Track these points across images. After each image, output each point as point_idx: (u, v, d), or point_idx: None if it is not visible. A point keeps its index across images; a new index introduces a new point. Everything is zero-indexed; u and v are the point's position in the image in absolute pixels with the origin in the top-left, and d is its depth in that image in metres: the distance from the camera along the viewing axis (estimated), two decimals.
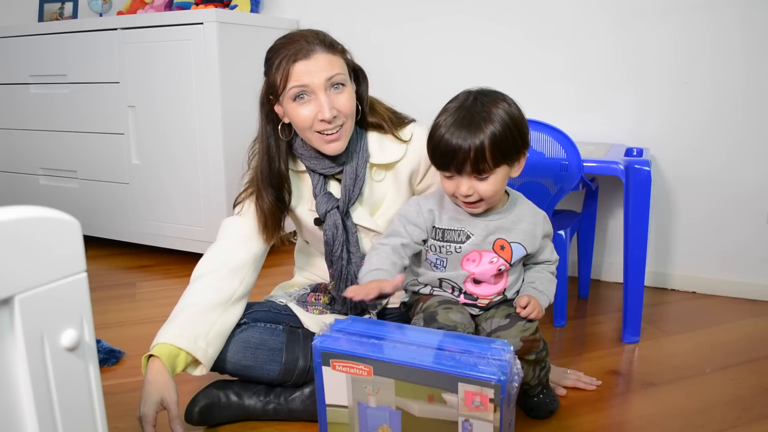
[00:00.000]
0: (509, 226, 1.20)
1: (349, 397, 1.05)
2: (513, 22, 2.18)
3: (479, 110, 1.10)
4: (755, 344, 1.66)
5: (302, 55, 1.18)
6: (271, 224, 1.30)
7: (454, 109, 1.13)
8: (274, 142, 1.29)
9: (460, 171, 1.11)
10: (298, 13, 2.54)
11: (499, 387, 0.93)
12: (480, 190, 1.12)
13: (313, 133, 1.23)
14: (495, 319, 1.20)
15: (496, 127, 1.09)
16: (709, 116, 1.97)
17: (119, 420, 1.30)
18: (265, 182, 1.28)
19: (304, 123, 1.22)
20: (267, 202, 1.28)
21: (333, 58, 1.21)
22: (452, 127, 1.09)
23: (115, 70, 2.33)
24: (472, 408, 0.96)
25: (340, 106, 1.21)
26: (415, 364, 0.97)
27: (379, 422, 1.04)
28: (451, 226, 1.19)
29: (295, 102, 1.21)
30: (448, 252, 1.19)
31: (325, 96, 1.19)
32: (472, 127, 1.08)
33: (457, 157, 1.09)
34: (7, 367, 0.58)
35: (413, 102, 1.65)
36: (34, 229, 0.58)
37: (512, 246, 1.19)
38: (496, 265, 1.19)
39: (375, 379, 1.01)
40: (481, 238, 1.18)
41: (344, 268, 1.32)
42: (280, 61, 1.19)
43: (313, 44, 1.19)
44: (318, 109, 1.20)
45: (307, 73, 1.18)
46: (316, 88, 1.19)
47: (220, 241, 1.32)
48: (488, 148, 1.08)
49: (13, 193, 2.73)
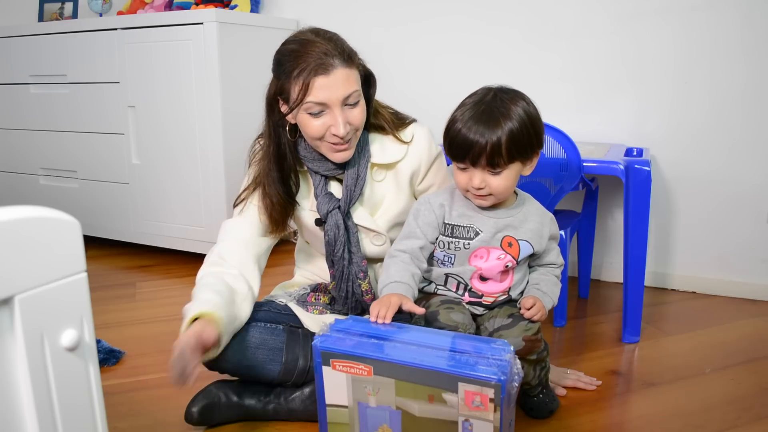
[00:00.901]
0: (517, 224, 1.21)
1: (349, 397, 1.05)
2: (513, 22, 2.18)
3: (498, 106, 1.12)
4: (755, 344, 1.66)
5: (322, 70, 1.16)
6: (279, 216, 1.30)
7: (473, 103, 1.14)
8: (284, 140, 1.28)
9: (474, 164, 1.12)
10: (298, 13, 2.53)
11: (499, 387, 0.93)
12: (492, 185, 1.14)
13: (323, 143, 1.23)
14: (497, 318, 1.21)
15: (514, 124, 1.10)
16: (709, 116, 1.97)
17: (119, 420, 1.30)
18: (274, 179, 1.28)
19: (316, 134, 1.22)
20: (276, 197, 1.28)
21: (350, 73, 1.20)
22: (470, 121, 1.11)
23: (115, 70, 2.33)
24: (472, 408, 0.96)
25: (353, 121, 1.22)
26: (415, 364, 0.97)
27: (379, 422, 1.04)
28: (460, 222, 1.20)
29: (309, 114, 1.20)
30: (456, 248, 1.20)
31: (340, 112, 1.19)
32: (490, 123, 1.10)
33: (473, 150, 1.10)
34: (7, 367, 0.58)
35: (413, 101, 1.66)
36: (34, 229, 0.58)
37: (520, 243, 1.20)
38: (503, 261, 1.19)
39: (375, 378, 1.01)
40: (490, 235, 1.19)
41: (345, 269, 1.32)
42: (299, 72, 1.17)
43: (332, 57, 1.17)
44: (332, 124, 1.19)
45: (326, 88, 1.17)
46: (333, 105, 1.18)
47: (222, 244, 1.31)
48: (505, 143, 1.09)
49: (13, 193, 2.73)
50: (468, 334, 1.14)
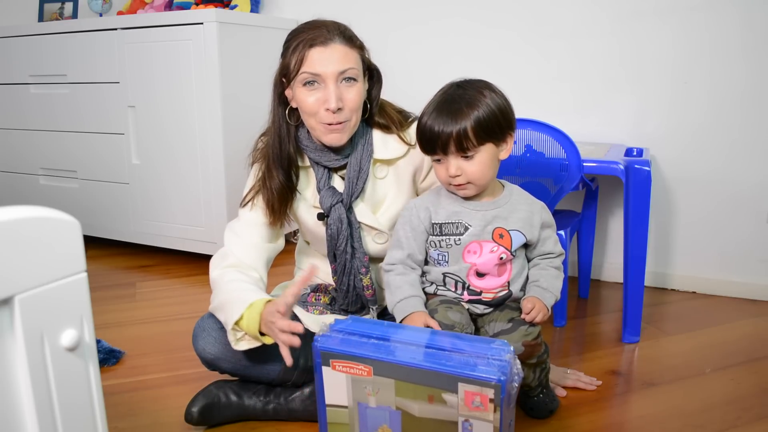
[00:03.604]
0: (506, 215, 1.21)
1: (349, 397, 1.05)
2: (513, 24, 2.18)
3: (461, 95, 1.15)
4: (755, 344, 1.66)
5: (320, 42, 1.19)
6: (279, 207, 1.30)
7: (438, 97, 1.17)
8: (285, 124, 1.30)
9: (446, 152, 1.14)
10: (298, 13, 2.53)
11: (499, 387, 0.93)
12: (467, 171, 1.15)
13: (317, 122, 1.24)
14: (498, 323, 1.20)
15: (479, 107, 1.13)
16: (708, 116, 1.97)
17: (119, 420, 1.30)
18: (276, 161, 1.29)
19: (310, 109, 1.22)
20: (277, 182, 1.29)
21: (349, 51, 1.22)
22: (434, 113, 1.14)
23: (115, 70, 2.33)
24: (472, 408, 0.96)
25: (347, 100, 1.22)
26: (415, 364, 0.97)
27: (379, 422, 1.04)
28: (448, 220, 1.21)
29: (305, 87, 1.21)
30: (448, 245, 1.20)
31: (334, 86, 1.20)
32: (453, 110, 1.13)
33: (441, 139, 1.13)
34: (7, 367, 0.58)
35: (416, 102, 1.65)
36: (34, 229, 0.58)
37: (511, 234, 1.20)
38: (496, 253, 1.19)
39: (375, 379, 1.01)
40: (480, 228, 1.19)
41: (348, 263, 1.32)
42: (297, 45, 1.20)
43: (332, 33, 1.20)
44: (326, 98, 1.20)
45: (321, 60, 1.19)
46: (327, 77, 1.19)
47: (237, 247, 1.30)
48: (471, 126, 1.12)
49: (13, 193, 2.73)
50: (465, 334, 1.14)
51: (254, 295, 1.17)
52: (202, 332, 1.26)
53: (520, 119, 1.65)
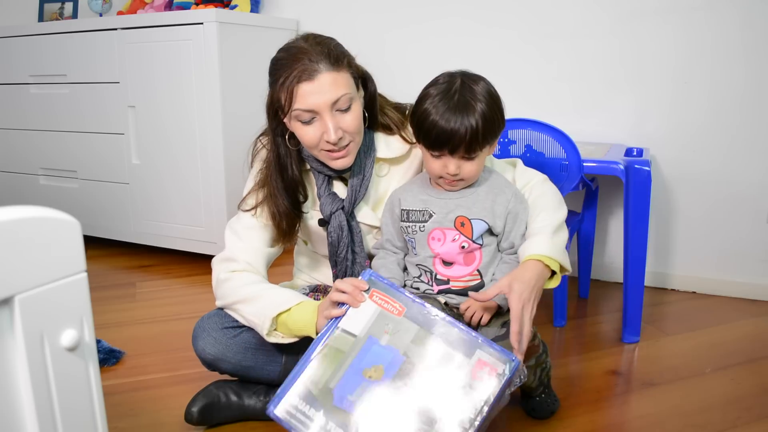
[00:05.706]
0: (470, 204, 1.21)
1: (365, 329, 1.06)
2: (513, 24, 2.18)
3: (467, 93, 1.14)
4: (755, 344, 1.66)
5: (306, 76, 1.13)
6: (287, 227, 1.29)
7: (443, 92, 1.14)
8: (284, 150, 1.26)
9: (453, 152, 1.14)
10: (298, 13, 2.53)
11: (511, 365, 0.99)
12: (465, 170, 1.16)
13: (320, 151, 1.22)
14: (491, 329, 1.18)
15: (485, 108, 1.12)
16: (708, 116, 1.97)
17: (119, 420, 1.30)
18: (279, 191, 1.26)
19: (311, 142, 1.19)
20: (283, 207, 1.27)
21: (338, 77, 1.16)
22: (447, 113, 1.12)
23: (115, 70, 2.33)
24: (475, 377, 0.99)
25: (346, 127, 1.18)
26: (446, 319, 1.04)
27: (377, 361, 1.04)
28: (415, 207, 1.23)
29: (301, 123, 1.18)
30: (413, 231, 1.22)
31: (330, 117, 1.16)
32: (466, 111, 1.11)
33: (453, 140, 1.12)
34: (7, 367, 0.58)
35: (413, 99, 1.65)
36: (34, 229, 0.58)
37: (472, 222, 1.19)
38: (458, 242, 1.19)
39: (401, 320, 1.05)
40: (442, 216, 1.20)
41: (349, 269, 1.32)
42: (284, 81, 1.15)
43: (317, 63, 1.14)
44: (323, 131, 1.17)
45: (311, 94, 1.14)
46: (321, 109, 1.15)
47: (241, 251, 1.29)
48: (481, 129, 1.11)
49: (13, 193, 2.73)
50: None
51: (300, 297, 1.20)
52: (202, 333, 1.26)
53: (520, 119, 1.66)
